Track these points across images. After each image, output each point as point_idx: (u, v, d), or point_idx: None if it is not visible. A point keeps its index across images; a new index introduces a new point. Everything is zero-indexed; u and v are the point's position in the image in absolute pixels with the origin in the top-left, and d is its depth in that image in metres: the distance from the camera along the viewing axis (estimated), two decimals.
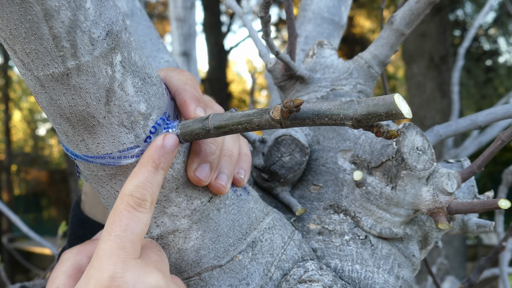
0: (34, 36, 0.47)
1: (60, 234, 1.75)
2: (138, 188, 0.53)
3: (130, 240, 0.51)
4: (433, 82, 5.41)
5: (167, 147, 0.55)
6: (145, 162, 0.54)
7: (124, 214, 0.52)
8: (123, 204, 0.52)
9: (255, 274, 0.65)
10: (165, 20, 11.35)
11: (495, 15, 10.01)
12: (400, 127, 0.70)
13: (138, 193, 0.53)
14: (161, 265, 0.54)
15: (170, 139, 0.55)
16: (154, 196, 0.54)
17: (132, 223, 0.52)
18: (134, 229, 0.52)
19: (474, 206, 0.66)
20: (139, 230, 0.52)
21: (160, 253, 0.57)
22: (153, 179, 0.54)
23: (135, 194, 0.53)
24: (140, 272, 0.51)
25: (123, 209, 0.52)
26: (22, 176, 16.28)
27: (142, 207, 0.53)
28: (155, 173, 0.54)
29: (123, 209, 0.52)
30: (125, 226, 0.51)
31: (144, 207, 0.53)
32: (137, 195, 0.53)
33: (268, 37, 0.77)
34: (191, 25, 2.26)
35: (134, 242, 0.51)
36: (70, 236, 0.85)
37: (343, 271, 0.71)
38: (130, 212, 0.52)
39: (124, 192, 0.53)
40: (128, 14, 1.01)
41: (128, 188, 0.53)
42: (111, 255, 0.50)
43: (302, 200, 0.78)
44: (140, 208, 0.52)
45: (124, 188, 0.53)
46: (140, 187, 0.53)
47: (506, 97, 2.91)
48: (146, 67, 0.56)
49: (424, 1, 0.76)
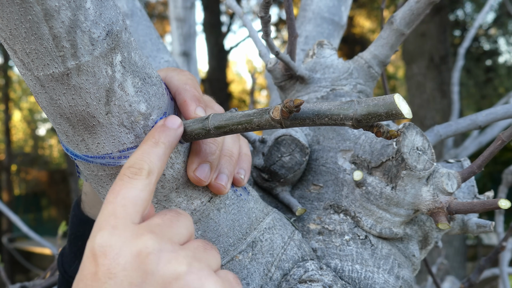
0: (34, 36, 0.47)
1: (60, 234, 1.76)
2: (136, 160, 0.52)
3: (122, 205, 0.49)
4: (433, 82, 5.41)
5: (168, 125, 0.55)
6: (145, 140, 0.54)
7: (118, 183, 0.50)
8: (120, 176, 0.51)
9: (255, 274, 0.65)
10: (165, 20, 11.35)
11: (495, 15, 10.01)
12: (400, 127, 0.70)
13: (136, 164, 0.51)
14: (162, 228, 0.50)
15: (172, 119, 0.56)
16: (152, 165, 0.52)
17: (124, 189, 0.50)
18: (126, 194, 0.49)
19: (474, 206, 0.66)
20: (132, 194, 0.50)
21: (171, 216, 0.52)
22: (151, 150, 0.53)
23: (132, 165, 0.51)
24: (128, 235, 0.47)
25: (119, 179, 0.51)
26: (22, 176, 16.29)
27: (138, 175, 0.51)
28: (154, 146, 0.53)
29: (119, 179, 0.51)
30: (117, 192, 0.50)
31: (140, 174, 0.51)
32: (135, 166, 0.51)
33: (268, 37, 0.77)
34: (191, 25, 2.26)
35: (126, 206, 0.49)
36: (70, 236, 0.85)
37: (343, 271, 0.71)
38: (123, 180, 0.50)
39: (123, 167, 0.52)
40: (128, 14, 1.01)
41: (127, 162, 0.52)
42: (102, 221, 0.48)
43: (302, 200, 0.78)
44: (136, 176, 0.51)
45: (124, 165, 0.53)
46: (138, 158, 0.52)
47: (506, 97, 2.91)
48: (146, 67, 0.56)
49: (424, 1, 0.76)
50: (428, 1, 0.76)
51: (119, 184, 0.50)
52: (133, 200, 0.49)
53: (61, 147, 1.19)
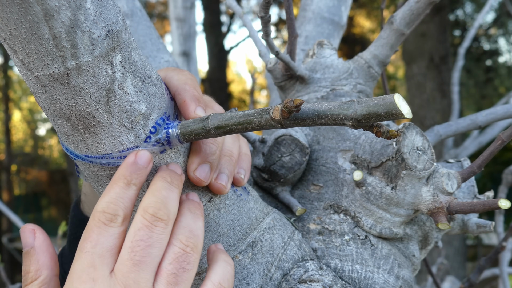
0: (34, 36, 0.47)
1: (60, 234, 1.76)
2: (109, 204, 0.52)
3: (99, 255, 0.50)
4: (433, 82, 5.41)
5: (139, 163, 0.54)
6: (116, 179, 0.54)
7: (94, 230, 0.51)
8: (94, 221, 0.52)
9: (255, 274, 0.65)
10: (165, 20, 11.35)
11: (495, 15, 10.01)
12: (400, 127, 0.70)
13: (110, 209, 0.52)
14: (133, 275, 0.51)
15: (143, 156, 0.55)
16: (126, 211, 0.53)
17: (101, 238, 0.51)
18: (103, 243, 0.51)
19: (474, 206, 0.66)
20: (109, 244, 0.51)
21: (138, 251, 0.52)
22: (125, 194, 0.53)
23: (107, 210, 0.52)
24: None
25: (94, 226, 0.51)
26: (22, 176, 16.28)
27: (113, 222, 0.52)
28: (126, 189, 0.53)
29: (94, 225, 0.51)
30: (95, 241, 0.51)
31: (115, 221, 0.52)
32: (109, 211, 0.52)
33: (268, 37, 0.77)
34: (191, 25, 2.26)
35: (104, 257, 0.50)
36: (69, 236, 0.85)
37: (343, 271, 0.71)
38: (100, 227, 0.51)
39: (96, 210, 0.52)
40: (128, 14, 1.01)
41: (100, 205, 0.52)
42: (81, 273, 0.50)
43: (302, 200, 0.78)
44: (111, 223, 0.52)
45: (96, 206, 0.53)
46: (111, 203, 0.52)
47: (506, 97, 2.91)
48: (146, 67, 0.56)
49: (424, 1, 0.76)
50: (428, 1, 0.76)
51: (96, 232, 0.51)
52: (110, 248, 0.51)
53: (61, 147, 1.18)
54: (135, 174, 0.54)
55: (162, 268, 0.52)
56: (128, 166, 0.54)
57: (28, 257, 0.57)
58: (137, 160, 0.54)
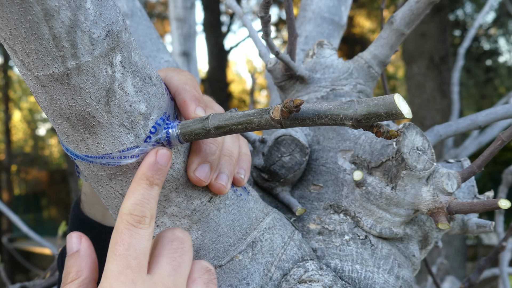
0: (34, 36, 0.47)
1: (60, 234, 1.76)
2: (136, 206, 0.54)
3: (135, 257, 0.52)
4: (433, 82, 5.41)
5: (160, 164, 0.55)
6: (139, 180, 0.55)
7: (125, 233, 0.53)
8: (123, 224, 0.53)
9: (255, 274, 0.65)
10: (165, 20, 11.35)
11: (495, 15, 10.01)
12: (400, 127, 0.70)
13: (137, 211, 0.54)
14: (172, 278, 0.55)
15: (163, 156, 0.56)
16: (152, 211, 0.55)
17: (134, 241, 0.53)
18: (137, 246, 0.53)
19: (474, 206, 0.66)
20: (142, 246, 0.53)
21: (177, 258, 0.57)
22: (150, 195, 0.55)
23: (134, 212, 0.53)
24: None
25: (124, 228, 0.53)
26: (22, 176, 16.28)
27: (142, 223, 0.53)
28: (150, 190, 0.55)
29: (124, 228, 0.53)
30: (127, 244, 0.52)
31: (144, 223, 0.54)
32: (136, 213, 0.53)
33: (268, 37, 0.77)
34: (191, 25, 2.26)
35: (139, 259, 0.52)
36: None
37: (343, 271, 0.71)
38: (130, 230, 0.53)
39: (123, 212, 0.54)
40: (128, 14, 1.01)
41: (126, 207, 0.54)
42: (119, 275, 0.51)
43: (302, 200, 0.78)
44: (140, 225, 0.53)
45: (123, 208, 0.54)
46: (138, 204, 0.54)
47: (506, 97, 2.91)
48: (146, 67, 0.56)
49: (424, 1, 0.76)
50: (428, 1, 0.76)
51: (127, 235, 0.53)
52: (143, 251, 0.53)
53: (61, 147, 1.18)
54: (157, 175, 0.55)
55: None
56: (150, 166, 0.55)
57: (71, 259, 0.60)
58: (158, 160, 0.55)
